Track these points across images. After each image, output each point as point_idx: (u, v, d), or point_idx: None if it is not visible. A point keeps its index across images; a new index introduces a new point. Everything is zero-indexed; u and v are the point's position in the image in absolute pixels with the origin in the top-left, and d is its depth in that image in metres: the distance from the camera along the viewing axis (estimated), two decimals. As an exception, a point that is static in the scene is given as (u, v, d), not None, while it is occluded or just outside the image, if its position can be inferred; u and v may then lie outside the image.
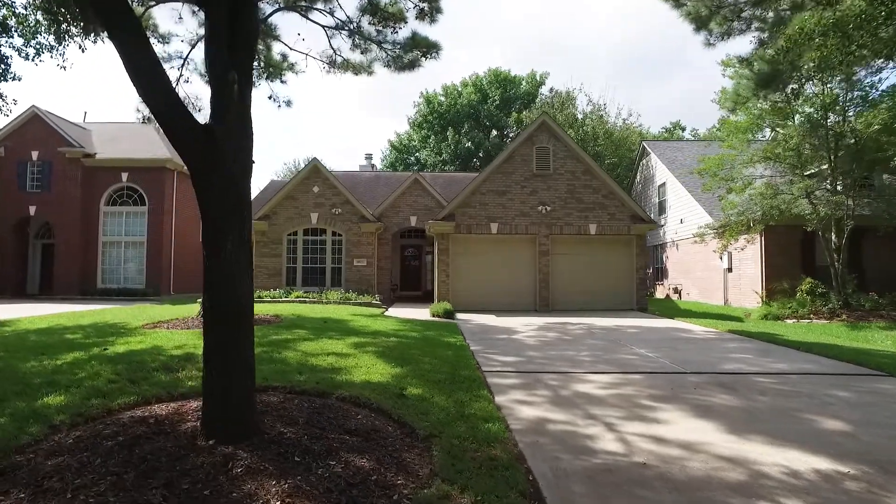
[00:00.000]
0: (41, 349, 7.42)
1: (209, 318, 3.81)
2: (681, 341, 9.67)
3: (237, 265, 3.83)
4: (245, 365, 3.93)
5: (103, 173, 21.34)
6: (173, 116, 3.68)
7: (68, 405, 4.74)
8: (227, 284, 3.80)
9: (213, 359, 3.80)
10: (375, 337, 8.79)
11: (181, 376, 5.88)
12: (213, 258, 3.77)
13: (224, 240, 3.77)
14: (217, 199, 3.76)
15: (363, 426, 4.43)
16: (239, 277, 3.85)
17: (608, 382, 6.39)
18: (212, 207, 3.77)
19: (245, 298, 3.93)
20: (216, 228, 3.77)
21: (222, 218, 3.77)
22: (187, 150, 3.76)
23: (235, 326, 3.86)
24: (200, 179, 3.79)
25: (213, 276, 3.78)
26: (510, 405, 5.33)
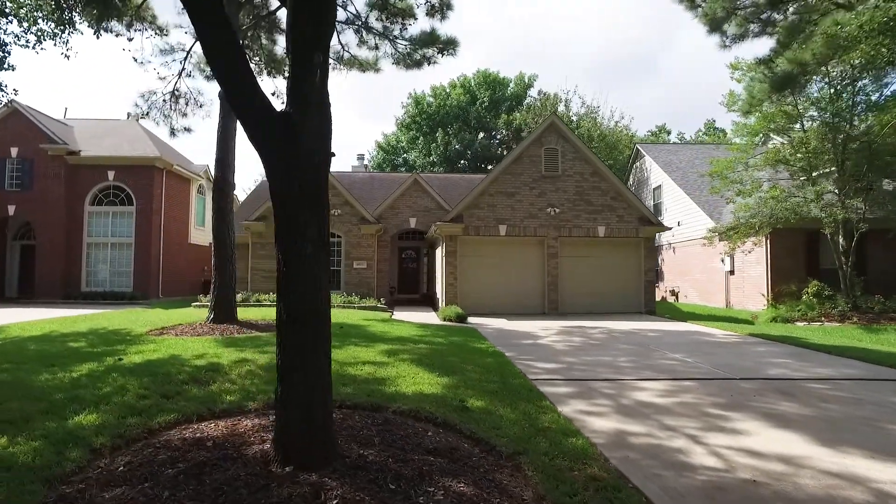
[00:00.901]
0: (48, 360, 6.84)
1: (287, 325, 3.41)
2: (708, 345, 9.52)
3: (318, 264, 3.45)
4: (326, 379, 3.54)
5: (88, 171, 20.39)
6: (250, 103, 3.29)
7: (104, 425, 4.27)
8: (308, 286, 3.42)
9: (293, 372, 3.40)
10: (403, 343, 8.41)
11: (215, 390, 5.43)
12: (292, 258, 3.38)
13: (304, 237, 3.39)
14: (296, 193, 3.37)
15: (441, 444, 4.07)
16: (320, 278, 3.47)
17: (663, 390, 6.15)
18: (290, 202, 3.38)
19: (326, 302, 3.55)
20: (295, 225, 3.38)
21: (302, 213, 3.38)
22: (263, 139, 3.37)
23: (317, 334, 3.48)
24: (277, 172, 3.40)
25: (291, 278, 3.39)
26: (579, 416, 5.03)
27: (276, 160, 3.36)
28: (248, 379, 5.89)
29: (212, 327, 9.62)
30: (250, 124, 3.34)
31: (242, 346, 7.84)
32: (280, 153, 3.35)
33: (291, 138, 3.33)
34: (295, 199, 3.36)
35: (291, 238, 3.38)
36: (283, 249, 3.40)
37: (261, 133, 3.35)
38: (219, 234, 10.26)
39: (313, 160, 3.43)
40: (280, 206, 3.42)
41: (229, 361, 6.70)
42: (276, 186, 3.42)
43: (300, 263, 3.39)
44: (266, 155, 3.39)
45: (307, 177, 3.39)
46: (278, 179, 3.40)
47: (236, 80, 3.27)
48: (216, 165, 10.46)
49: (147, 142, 22.06)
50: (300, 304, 3.40)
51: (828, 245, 15.42)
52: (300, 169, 3.35)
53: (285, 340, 3.41)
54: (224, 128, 10.48)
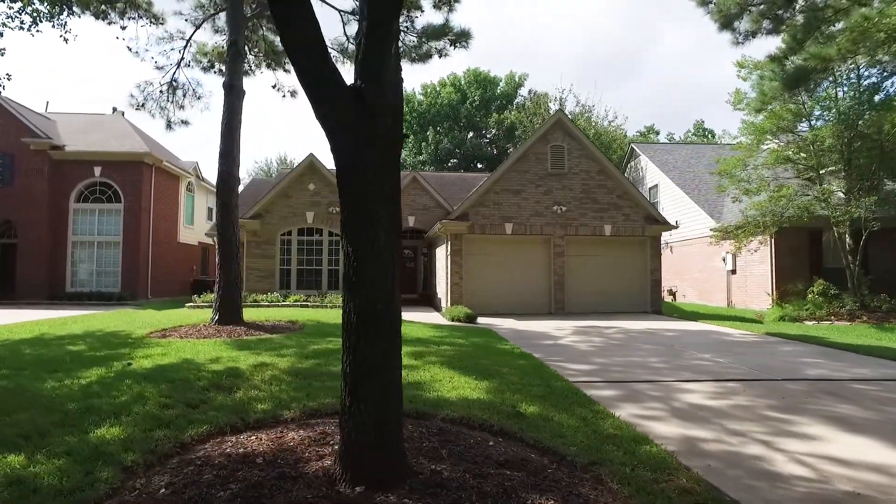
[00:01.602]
0: (49, 365, 6.32)
1: (359, 327, 3.03)
2: (732, 345, 9.34)
3: (391, 256, 3.09)
4: (399, 387, 3.17)
5: (73, 167, 19.55)
6: (321, 76, 2.90)
7: (131, 439, 3.83)
8: (382, 281, 3.05)
9: (367, 382, 3.02)
10: (426, 345, 8.04)
11: (242, 398, 5.00)
12: (364, 249, 3.01)
13: (376, 228, 3.02)
14: (369, 177, 3.00)
15: (510, 456, 3.73)
16: (393, 272, 3.11)
17: (710, 392, 5.90)
18: (361, 186, 3.00)
19: (398, 301, 3.18)
20: (366, 214, 3.01)
21: (374, 198, 3.01)
22: (332, 117, 2.99)
23: (392, 338, 3.11)
24: (346, 152, 3.02)
25: (362, 275, 3.01)
26: (638, 421, 4.73)
27: (346, 139, 2.98)
28: (273, 385, 5.47)
29: (217, 329, 9.12)
30: (320, 99, 2.96)
31: (256, 350, 7.39)
32: (351, 132, 2.97)
33: (363, 115, 2.95)
34: (367, 182, 2.99)
35: (363, 227, 3.00)
36: (353, 240, 3.02)
37: (330, 109, 2.97)
38: (223, 231, 9.76)
39: (386, 140, 3.06)
40: (348, 192, 3.04)
41: (248, 366, 6.26)
42: (344, 169, 3.04)
43: (373, 255, 3.02)
44: (335, 134, 3.01)
45: (380, 158, 3.02)
46: (348, 161, 3.02)
47: (306, 48, 2.88)
48: (220, 159, 9.95)
49: (135, 137, 21.28)
50: (374, 302, 3.03)
51: (832, 244, 15.46)
52: (374, 149, 2.98)
53: (357, 345, 3.03)
54: (229, 120, 9.98)
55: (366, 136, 2.98)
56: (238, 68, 10.24)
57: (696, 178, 23.41)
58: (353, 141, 2.99)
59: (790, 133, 14.41)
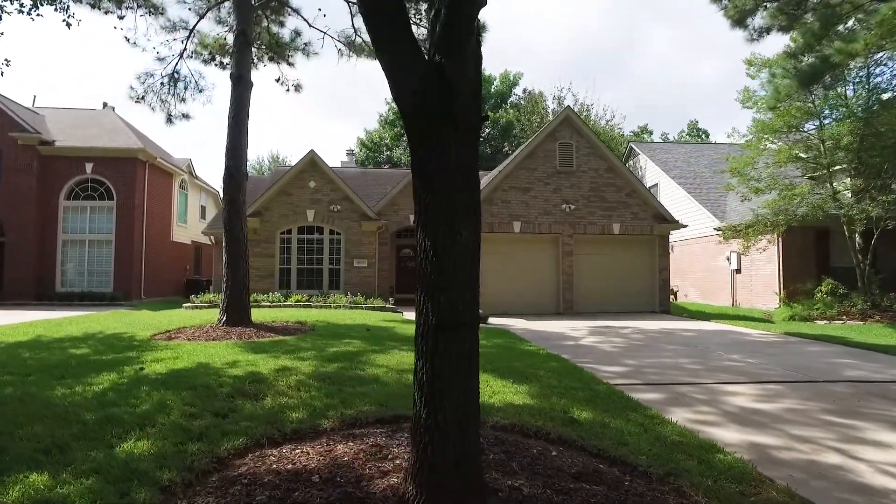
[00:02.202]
0: (55, 370, 5.90)
1: (438, 333, 2.71)
2: (756, 345, 9.16)
3: (473, 255, 2.78)
4: (477, 396, 2.86)
5: (64, 163, 18.89)
6: (400, 46, 2.58)
7: (162, 454, 3.47)
8: (465, 281, 2.74)
9: (447, 393, 2.70)
10: (449, 346, 7.70)
11: (272, 405, 4.65)
12: (445, 246, 2.69)
13: (459, 221, 2.70)
14: (452, 164, 2.68)
15: (580, 467, 3.43)
16: (475, 272, 2.80)
17: (756, 395, 5.67)
18: (442, 175, 2.68)
19: (478, 302, 2.87)
20: (448, 205, 2.68)
21: (456, 189, 2.69)
22: (410, 97, 2.66)
23: (473, 342, 2.80)
24: (426, 137, 2.70)
25: (442, 273, 2.69)
26: (695, 426, 4.48)
27: (425, 119, 2.66)
28: (302, 391, 5.11)
29: (226, 331, 8.71)
30: (397, 74, 2.64)
31: (273, 352, 7.02)
32: (430, 111, 2.65)
33: (446, 95, 2.63)
34: (449, 168, 2.67)
35: (444, 222, 2.68)
36: (433, 235, 2.70)
37: (407, 84, 2.64)
38: (231, 228, 9.34)
39: (469, 122, 2.74)
40: (427, 184, 2.72)
41: (269, 370, 5.89)
42: (423, 157, 2.72)
43: (455, 253, 2.70)
44: (413, 113, 2.68)
45: (462, 140, 2.70)
46: (427, 147, 2.69)
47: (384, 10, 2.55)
48: (227, 154, 9.53)
49: (128, 133, 20.67)
50: (455, 303, 2.71)
51: (839, 243, 15.42)
52: (456, 130, 2.66)
53: (436, 351, 2.70)
54: (237, 112, 9.57)
55: (447, 115, 2.66)
56: (246, 58, 9.83)
57: (696, 178, 23.38)
58: (433, 121, 2.66)
59: (800, 131, 14.31)
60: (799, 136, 14.56)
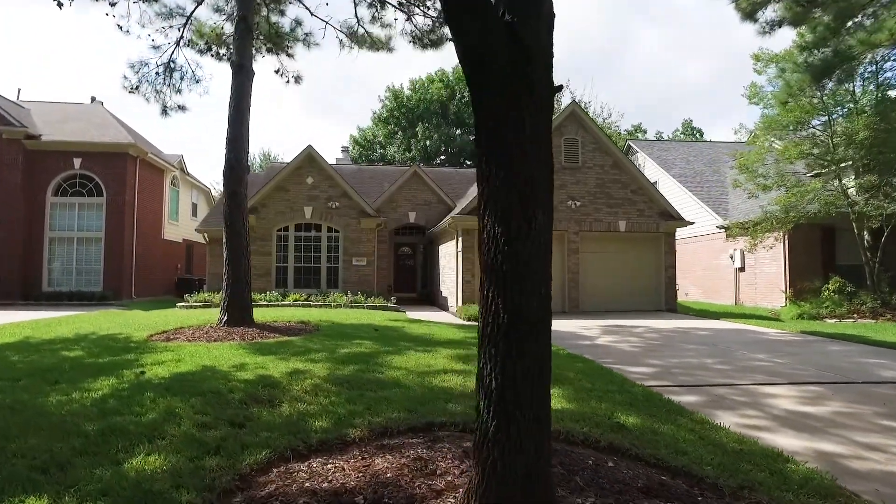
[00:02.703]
0: (47, 374, 5.45)
1: (508, 331, 2.35)
2: (776, 344, 8.92)
3: (548, 244, 2.43)
4: (549, 402, 2.51)
5: (51, 158, 18.23)
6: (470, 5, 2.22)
7: (177, 471, 3.08)
8: (539, 275, 2.39)
9: (521, 401, 2.35)
10: (466, 348, 7.35)
11: (290, 413, 4.26)
12: (518, 233, 2.34)
13: (535, 202, 2.35)
14: (526, 138, 2.33)
15: (645, 480, 3.10)
16: (550, 263, 2.46)
17: (800, 397, 5.38)
18: (515, 151, 2.33)
19: (551, 297, 2.52)
20: (522, 185, 2.33)
21: (531, 165, 2.34)
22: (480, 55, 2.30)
23: (547, 343, 2.46)
24: (495, 107, 2.34)
25: (516, 263, 2.35)
26: (748, 432, 4.18)
27: (499, 90, 2.30)
28: (320, 396, 4.73)
29: (228, 331, 8.27)
30: (464, 32, 2.28)
31: (280, 354, 6.61)
32: (505, 80, 2.29)
33: (520, 59, 2.28)
34: (524, 146, 2.31)
35: (519, 203, 2.33)
36: (503, 220, 2.34)
37: (477, 48, 2.28)
38: (232, 223, 8.89)
39: (544, 89, 2.38)
40: (497, 160, 2.36)
41: (281, 374, 5.49)
42: (493, 130, 2.36)
43: (532, 239, 2.35)
44: (483, 82, 2.32)
45: (539, 113, 2.35)
46: (499, 119, 2.33)
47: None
48: (227, 145, 9.08)
49: (118, 127, 20.05)
50: (530, 298, 2.37)
51: (845, 241, 15.29)
52: (532, 99, 2.30)
53: (509, 354, 2.35)
54: (238, 102, 9.12)
55: (522, 81, 2.30)
56: (247, 46, 9.39)
57: (696, 176, 23.25)
58: (505, 89, 2.30)
59: (810, 127, 14.14)
60: (806, 132, 14.38)
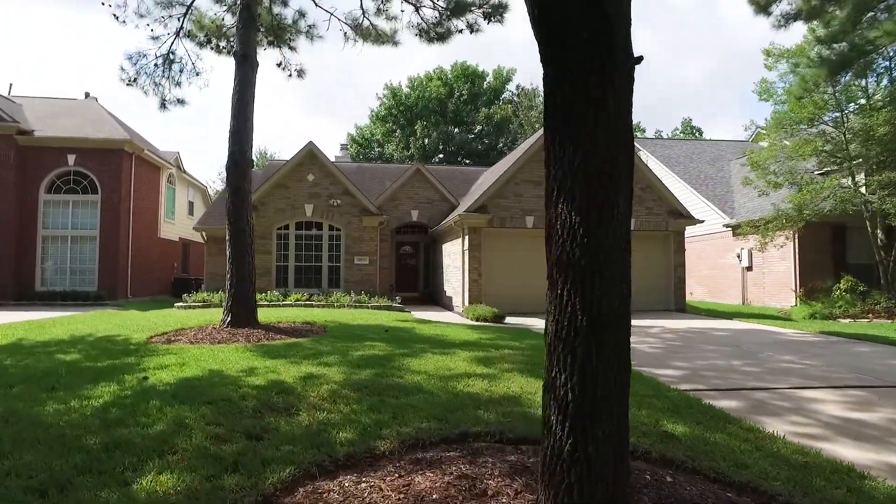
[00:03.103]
0: (43, 380, 5.09)
1: (588, 335, 2.05)
2: (798, 345, 8.65)
3: (629, 236, 2.12)
4: (628, 416, 2.20)
5: (44, 155, 17.74)
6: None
7: (194, 493, 2.74)
8: (621, 270, 2.09)
9: (600, 411, 2.03)
10: (483, 350, 7.03)
11: (309, 423, 3.93)
12: (598, 223, 2.04)
13: (616, 188, 2.04)
14: (608, 113, 2.00)
15: (715, 500, 2.79)
16: (629, 258, 2.15)
17: (843, 402, 5.10)
18: (596, 132, 2.01)
19: (631, 294, 2.22)
20: (603, 169, 2.01)
21: (614, 149, 2.02)
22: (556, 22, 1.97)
23: (628, 348, 2.15)
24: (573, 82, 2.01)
25: (597, 254, 2.03)
26: (803, 441, 3.89)
27: (576, 62, 1.98)
28: (340, 404, 4.39)
29: (232, 332, 7.91)
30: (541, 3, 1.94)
31: (290, 357, 6.26)
32: (583, 51, 1.97)
33: (603, 27, 1.96)
34: (607, 125, 2.00)
35: (600, 189, 2.01)
36: (583, 209, 2.04)
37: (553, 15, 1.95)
38: (236, 220, 8.52)
39: (626, 63, 2.06)
40: (575, 141, 2.04)
41: (294, 379, 5.15)
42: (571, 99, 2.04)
43: (613, 229, 2.05)
44: (558, 55, 2.00)
45: (622, 88, 2.03)
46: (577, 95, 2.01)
47: None
48: (231, 138, 8.71)
49: (113, 123, 19.59)
50: (612, 298, 2.06)
51: (856, 239, 15.09)
52: (615, 75, 1.99)
53: (587, 361, 2.03)
54: (242, 94, 8.75)
55: (604, 52, 1.98)
56: (251, 36, 9.02)
57: (700, 174, 23.02)
58: (585, 59, 1.98)
59: (822, 123, 13.91)
60: (817, 128, 14.15)
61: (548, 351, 2.21)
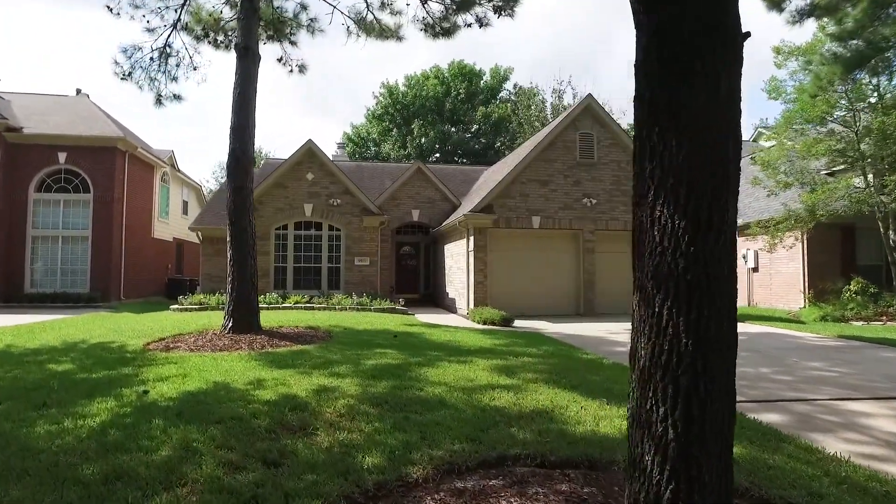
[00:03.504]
0: (32, 394, 4.69)
1: (695, 356, 1.69)
2: (821, 350, 8.38)
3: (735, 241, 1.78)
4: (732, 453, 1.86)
5: (33, 152, 17.21)
6: None
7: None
8: (728, 283, 1.75)
9: (704, 451, 1.69)
10: (503, 357, 6.68)
11: (330, 444, 3.57)
12: (710, 228, 1.68)
13: (728, 191, 1.69)
14: (718, 107, 1.66)
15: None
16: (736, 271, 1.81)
17: (894, 415, 4.79)
18: (706, 125, 1.67)
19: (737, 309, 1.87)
20: (714, 167, 1.67)
21: (727, 146, 1.68)
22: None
23: (734, 374, 1.82)
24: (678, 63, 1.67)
25: (702, 268, 1.73)
26: (864, 462, 3.57)
27: (681, 38, 1.63)
28: (361, 421, 4.03)
29: (233, 339, 7.52)
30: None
31: (300, 367, 5.89)
32: (692, 24, 1.62)
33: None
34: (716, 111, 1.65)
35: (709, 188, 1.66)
36: (690, 211, 1.68)
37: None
38: (237, 220, 8.13)
39: (736, 40, 1.72)
40: (679, 130, 1.69)
41: (307, 392, 4.78)
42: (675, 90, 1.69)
43: (724, 234, 1.70)
44: (659, 30, 1.66)
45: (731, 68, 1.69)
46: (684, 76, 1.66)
47: None
48: (232, 134, 8.31)
49: (105, 120, 19.06)
50: (721, 318, 1.75)
51: (866, 240, 14.89)
52: (725, 52, 1.65)
53: (696, 386, 1.70)
54: (244, 88, 8.36)
55: (714, 25, 1.64)
56: (253, 27, 8.62)
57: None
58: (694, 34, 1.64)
59: (831, 122, 13.68)
60: (827, 127, 13.92)
61: (639, 378, 1.87)
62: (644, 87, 1.81)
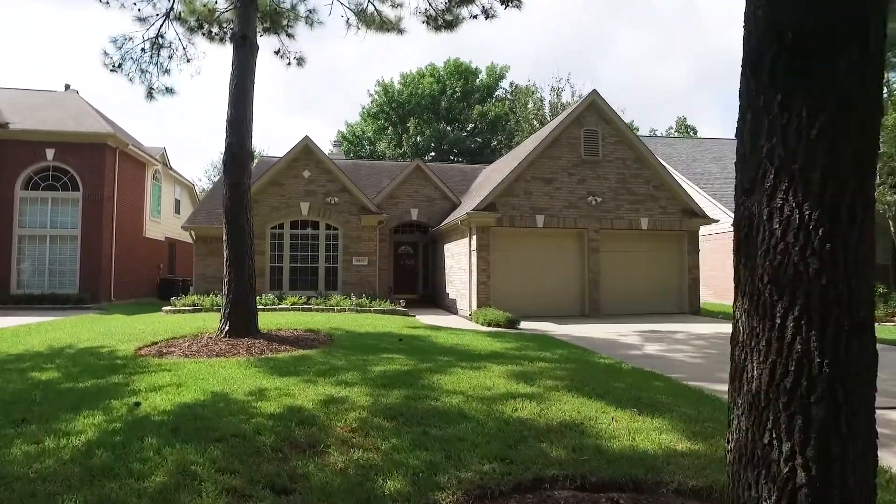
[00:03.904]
0: (11, 408, 4.30)
1: (829, 384, 1.35)
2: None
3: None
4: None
5: (20, 149, 16.65)
6: None
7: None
8: (866, 290, 1.39)
9: (846, 496, 1.34)
10: (517, 363, 6.33)
11: (344, 465, 3.20)
12: (853, 222, 1.36)
13: (869, 178, 1.34)
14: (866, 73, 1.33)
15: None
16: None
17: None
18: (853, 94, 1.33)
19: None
20: (858, 146, 1.33)
21: (874, 122, 1.35)
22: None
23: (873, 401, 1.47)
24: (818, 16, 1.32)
25: (840, 272, 1.37)
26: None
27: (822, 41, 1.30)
28: (376, 438, 3.66)
29: (231, 343, 7.12)
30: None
31: (303, 374, 5.51)
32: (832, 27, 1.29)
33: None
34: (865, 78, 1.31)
35: (852, 171, 1.32)
36: (830, 201, 1.35)
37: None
38: (235, 219, 7.72)
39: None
40: (815, 101, 1.35)
41: (313, 404, 4.41)
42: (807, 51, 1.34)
43: (864, 230, 1.35)
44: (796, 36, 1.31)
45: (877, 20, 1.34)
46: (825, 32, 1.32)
47: None
48: (229, 128, 7.91)
49: (95, 116, 18.53)
50: (860, 332, 1.38)
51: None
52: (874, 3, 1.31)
53: (832, 431, 1.36)
54: (241, 80, 7.95)
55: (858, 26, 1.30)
56: (251, 16, 8.21)
57: (704, 173, 22.63)
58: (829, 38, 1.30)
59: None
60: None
61: (749, 405, 1.53)
62: (766, 48, 1.46)
